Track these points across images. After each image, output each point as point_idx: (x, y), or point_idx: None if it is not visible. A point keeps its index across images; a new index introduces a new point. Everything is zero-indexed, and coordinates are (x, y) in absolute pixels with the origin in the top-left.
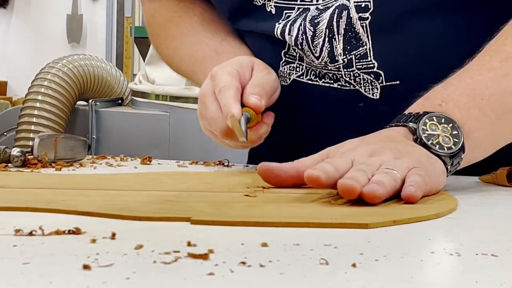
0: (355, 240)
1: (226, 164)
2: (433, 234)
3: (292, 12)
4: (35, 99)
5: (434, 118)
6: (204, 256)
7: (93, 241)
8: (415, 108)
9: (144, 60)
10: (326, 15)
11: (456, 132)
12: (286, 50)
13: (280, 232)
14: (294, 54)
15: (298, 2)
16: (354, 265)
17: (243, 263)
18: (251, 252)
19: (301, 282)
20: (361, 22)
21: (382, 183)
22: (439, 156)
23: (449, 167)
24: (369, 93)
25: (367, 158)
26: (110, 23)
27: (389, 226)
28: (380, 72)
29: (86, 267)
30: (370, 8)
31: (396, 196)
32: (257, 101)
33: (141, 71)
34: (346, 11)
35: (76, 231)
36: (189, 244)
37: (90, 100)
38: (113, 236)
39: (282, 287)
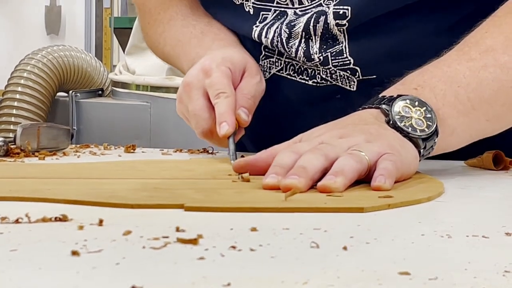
0: (344, 224)
1: (210, 151)
2: (422, 217)
3: (268, 14)
4: (15, 91)
5: (408, 100)
6: (193, 241)
7: (81, 227)
8: (389, 91)
9: (123, 51)
10: (303, 19)
11: (430, 116)
12: (265, 44)
13: (268, 217)
14: (273, 49)
15: (275, 4)
16: (345, 248)
17: (233, 247)
18: (240, 236)
19: (294, 264)
20: (338, 28)
21: (342, 172)
22: (411, 139)
23: (421, 150)
24: (346, 86)
25: (335, 140)
26: (89, 14)
27: (379, 211)
28: (357, 68)
29: (74, 253)
30: (348, 16)
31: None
32: (246, 118)
33: (121, 61)
34: (324, 16)
35: (63, 218)
36: (177, 229)
37: (70, 91)
38: (101, 222)
39: (275, 270)
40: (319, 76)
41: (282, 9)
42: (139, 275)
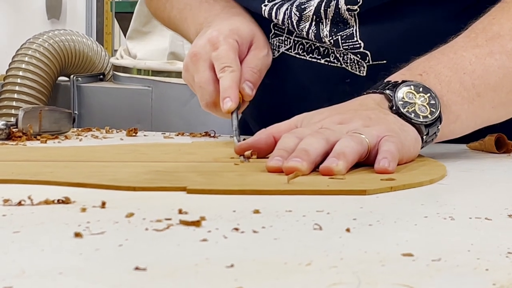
0: (347, 206)
1: (212, 135)
2: (424, 200)
3: None
4: (16, 75)
5: (412, 86)
6: (196, 223)
7: (83, 210)
8: (394, 77)
9: (125, 36)
10: (314, 2)
11: (433, 102)
12: (274, 22)
13: (271, 199)
14: (283, 27)
15: None
16: (348, 230)
17: (236, 229)
18: (243, 218)
19: (297, 246)
20: (349, 12)
21: (343, 155)
22: (414, 124)
23: (424, 137)
24: (356, 71)
25: (335, 125)
26: None
27: (382, 193)
28: (367, 52)
29: (77, 235)
30: (359, 2)
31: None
32: (250, 92)
33: (122, 46)
34: (335, 1)
35: (66, 201)
36: (180, 211)
37: (72, 76)
38: (103, 205)
39: (278, 251)
40: (333, 55)
41: None
42: (142, 257)
